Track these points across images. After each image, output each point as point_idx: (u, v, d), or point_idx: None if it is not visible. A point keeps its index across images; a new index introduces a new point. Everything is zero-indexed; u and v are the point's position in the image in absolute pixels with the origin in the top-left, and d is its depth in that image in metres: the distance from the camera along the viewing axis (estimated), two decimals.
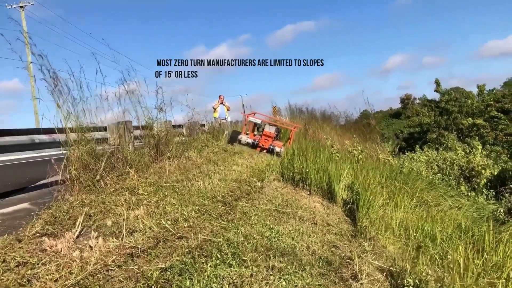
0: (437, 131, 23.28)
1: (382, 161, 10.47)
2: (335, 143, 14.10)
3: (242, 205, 5.18)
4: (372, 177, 7.05)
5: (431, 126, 23.50)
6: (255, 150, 10.60)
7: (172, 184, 5.49)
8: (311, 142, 10.20)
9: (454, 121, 22.52)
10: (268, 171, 7.55)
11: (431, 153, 13.62)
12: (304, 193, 6.97)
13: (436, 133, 23.19)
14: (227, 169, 7.37)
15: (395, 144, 31.81)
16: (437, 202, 6.75)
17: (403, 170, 8.58)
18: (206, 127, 14.23)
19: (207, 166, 7.44)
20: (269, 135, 11.82)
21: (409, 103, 62.98)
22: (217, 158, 8.40)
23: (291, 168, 7.51)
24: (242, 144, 11.64)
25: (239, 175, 7.03)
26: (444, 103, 22.84)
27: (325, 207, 6.40)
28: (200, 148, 8.65)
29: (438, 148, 19.80)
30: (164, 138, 7.22)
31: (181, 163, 7.13)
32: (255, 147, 11.59)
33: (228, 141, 11.60)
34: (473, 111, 22.54)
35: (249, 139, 11.89)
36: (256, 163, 8.76)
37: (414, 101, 63.35)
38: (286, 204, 5.83)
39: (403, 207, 6.24)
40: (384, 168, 8.50)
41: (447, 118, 22.89)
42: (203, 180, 6.06)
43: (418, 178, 8.22)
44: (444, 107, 22.76)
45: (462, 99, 22.49)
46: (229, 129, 13.51)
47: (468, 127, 21.12)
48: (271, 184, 6.91)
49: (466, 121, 21.14)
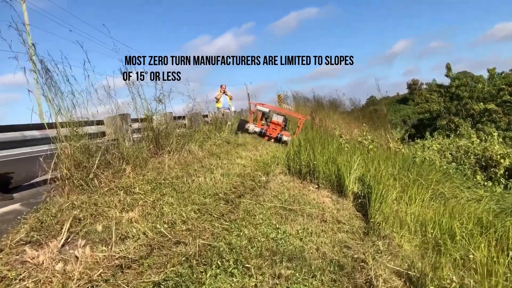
0: (447, 117, 22.78)
1: (393, 151, 10.10)
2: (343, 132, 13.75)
3: (246, 202, 4.87)
4: (384, 168, 6.70)
5: (441, 112, 22.98)
6: (259, 142, 10.28)
7: (171, 181, 5.19)
8: (318, 132, 9.84)
9: (464, 106, 21.99)
10: (273, 164, 7.23)
11: (444, 141, 13.22)
12: (312, 187, 6.65)
13: (446, 119, 22.70)
14: (230, 163, 7.05)
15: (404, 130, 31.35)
16: (454, 194, 6.41)
17: (416, 160, 8.22)
18: (209, 118, 13.92)
19: (209, 159, 7.13)
20: (277, 124, 11.80)
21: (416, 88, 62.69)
22: (219, 151, 8.09)
23: (297, 161, 7.18)
24: (249, 133, 11.62)
25: (242, 169, 6.72)
26: (454, 88, 22.28)
27: (334, 202, 6.08)
28: (202, 141, 8.34)
29: (449, 135, 19.38)
30: (164, 131, 6.91)
31: (182, 157, 6.83)
32: (262, 135, 11.60)
33: (236, 130, 11.57)
34: (484, 96, 21.97)
35: (257, 128, 11.94)
36: (261, 155, 8.43)
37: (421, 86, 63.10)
38: (293, 200, 5.52)
39: (418, 200, 5.90)
40: (396, 159, 8.14)
41: (458, 104, 22.35)
42: (205, 175, 5.76)
43: (432, 169, 7.86)
44: (455, 92, 22.20)
45: (473, 83, 21.89)
46: (232, 120, 13.25)
47: (480, 112, 20.59)
48: (277, 178, 6.59)
49: (478, 106, 20.61)
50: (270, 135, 11.57)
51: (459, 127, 21.28)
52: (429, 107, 23.43)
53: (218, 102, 15.73)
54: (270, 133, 11.62)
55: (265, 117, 13.09)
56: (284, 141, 10.98)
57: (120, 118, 7.40)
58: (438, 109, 22.87)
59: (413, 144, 20.80)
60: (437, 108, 22.84)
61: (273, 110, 12.86)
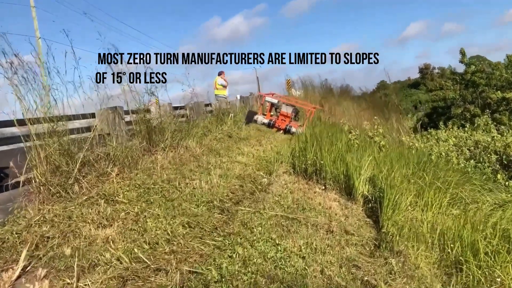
0: (463, 106, 21.96)
1: (407, 145, 9.58)
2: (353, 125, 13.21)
3: (243, 211, 4.42)
4: (397, 169, 6.19)
5: (456, 100, 22.16)
6: (263, 135, 9.79)
7: (162, 186, 4.75)
8: (326, 125, 9.33)
9: (480, 94, 21.16)
10: (277, 163, 6.75)
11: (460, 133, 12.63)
12: (318, 188, 6.18)
13: (461, 108, 21.88)
14: (230, 161, 6.60)
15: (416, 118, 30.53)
16: (474, 198, 5.90)
17: (432, 157, 7.70)
18: (212, 107, 13.42)
19: (208, 157, 6.68)
20: (286, 116, 11.83)
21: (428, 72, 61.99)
22: (220, 146, 7.63)
23: (303, 159, 6.70)
24: (258, 124, 11.63)
25: (243, 168, 6.26)
26: (470, 74, 21.44)
27: (342, 206, 5.61)
28: (201, 135, 7.87)
29: (464, 125, 18.68)
30: (158, 126, 6.45)
31: (178, 154, 6.38)
32: (271, 127, 11.61)
33: (244, 122, 11.53)
34: (502, 84, 21.13)
35: (265, 119, 11.96)
36: (265, 151, 7.96)
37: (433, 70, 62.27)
38: (297, 205, 5.06)
39: (435, 206, 5.41)
40: (410, 155, 7.62)
41: (473, 91, 21.53)
42: (200, 177, 5.31)
43: (449, 168, 7.34)
44: (470, 79, 21.36)
45: (490, 70, 21.03)
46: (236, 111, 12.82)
47: (497, 101, 19.80)
48: (280, 179, 6.13)
49: (495, 95, 19.77)
50: (279, 127, 11.57)
51: (475, 116, 20.50)
52: (444, 94, 22.60)
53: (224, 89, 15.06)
54: (279, 125, 11.62)
55: (274, 107, 13.08)
56: (292, 132, 10.93)
57: (112, 112, 6.95)
58: (453, 97, 22.04)
59: (426, 135, 20.21)
60: (453, 96, 22.01)
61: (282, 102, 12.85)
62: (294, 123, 11.92)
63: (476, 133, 14.96)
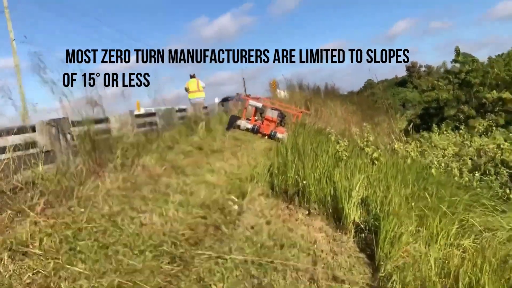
0: (456, 107, 21.39)
1: (401, 154, 8.79)
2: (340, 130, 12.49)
3: (202, 256, 3.52)
4: (394, 189, 5.36)
5: (449, 101, 21.57)
6: (240, 146, 8.91)
7: (99, 224, 3.82)
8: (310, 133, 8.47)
9: (475, 94, 20.61)
10: (253, 182, 5.87)
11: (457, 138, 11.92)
12: (301, 214, 5.32)
13: (455, 109, 21.30)
14: (196, 182, 5.70)
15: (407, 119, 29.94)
16: (487, 225, 5.10)
17: (432, 170, 6.90)
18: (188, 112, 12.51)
19: (170, 177, 5.77)
20: (271, 121, 11.48)
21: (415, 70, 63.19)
22: (186, 162, 6.71)
23: (283, 178, 5.83)
24: (241, 130, 11.27)
25: (210, 191, 5.36)
26: (464, 74, 20.89)
27: (330, 238, 4.77)
28: (163, 149, 6.93)
29: (458, 127, 18.09)
30: (105, 141, 5.52)
31: (131, 176, 5.45)
32: (255, 132, 11.25)
33: (226, 127, 11.29)
34: (497, 83, 20.64)
35: (249, 124, 11.55)
36: (240, 165, 7.08)
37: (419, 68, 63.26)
38: (274, 243, 4.19)
39: (441, 236, 4.59)
40: (407, 170, 6.81)
41: (467, 91, 20.97)
42: (153, 209, 4.39)
43: (452, 183, 6.56)
44: (465, 79, 20.79)
45: (487, 68, 20.47)
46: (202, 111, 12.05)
47: (493, 101, 19.26)
48: (255, 204, 5.25)
49: (490, 95, 19.23)
50: (263, 132, 11.17)
51: (469, 117, 19.94)
52: (437, 95, 21.97)
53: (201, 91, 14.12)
54: (263, 130, 11.21)
55: (259, 112, 12.50)
56: (278, 138, 10.34)
57: (54, 124, 6.00)
58: (447, 98, 21.43)
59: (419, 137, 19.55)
60: (446, 97, 21.40)
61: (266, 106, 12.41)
62: (280, 128, 11.47)
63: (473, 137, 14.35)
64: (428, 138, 18.63)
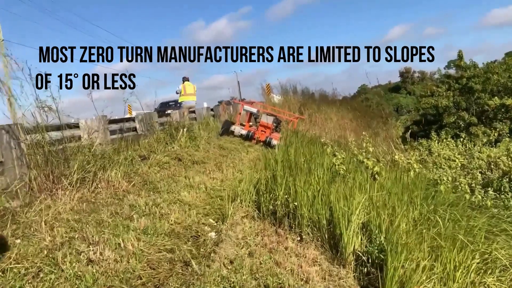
0: (456, 113, 20.80)
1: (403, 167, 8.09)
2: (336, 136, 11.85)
3: None
4: (399, 210, 4.63)
5: (449, 107, 20.97)
6: (226, 156, 8.16)
7: (31, 264, 3.03)
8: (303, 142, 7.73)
9: (476, 101, 20.04)
10: (236, 200, 5.10)
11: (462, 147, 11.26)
12: (291, 241, 4.57)
13: (454, 116, 20.71)
14: (170, 200, 4.94)
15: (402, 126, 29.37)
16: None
17: (441, 187, 6.19)
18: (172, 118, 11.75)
19: (138, 195, 5.00)
20: (266, 126, 11.29)
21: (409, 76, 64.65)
22: (161, 176, 5.95)
23: (271, 196, 5.08)
24: (235, 136, 11.17)
25: (185, 213, 4.59)
26: (466, 79, 20.29)
27: (326, 273, 4.01)
28: (133, 162, 6.14)
29: (459, 134, 17.48)
30: (63, 152, 4.75)
31: (90, 194, 4.67)
32: (250, 139, 11.14)
33: (220, 133, 11.32)
34: (498, 89, 20.08)
35: (243, 130, 11.38)
36: (224, 179, 6.32)
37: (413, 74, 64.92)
38: (257, 283, 3.43)
39: (460, 273, 3.86)
40: (411, 185, 6.10)
41: (468, 98, 20.38)
42: (109, 239, 3.62)
43: (464, 203, 5.85)
44: (467, 85, 20.18)
45: (489, 74, 19.86)
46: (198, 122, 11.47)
47: (495, 108, 18.67)
48: (237, 229, 4.48)
49: (493, 101, 18.65)
50: (258, 138, 11.08)
51: (470, 125, 19.36)
52: (436, 102, 21.35)
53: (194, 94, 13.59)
54: (258, 136, 11.13)
55: (254, 117, 12.50)
56: (273, 145, 10.30)
57: (5, 132, 5.21)
58: (446, 105, 20.82)
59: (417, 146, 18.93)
60: (446, 104, 20.78)
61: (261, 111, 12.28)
62: (275, 134, 11.32)
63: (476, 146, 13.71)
64: (427, 146, 18.06)
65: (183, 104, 13.24)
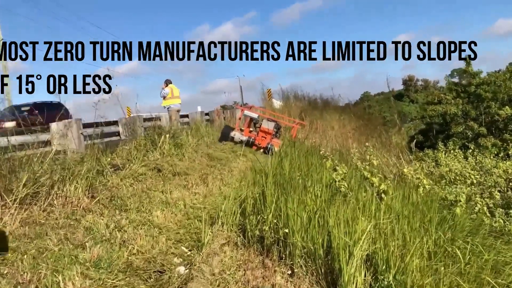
0: (464, 123, 20.07)
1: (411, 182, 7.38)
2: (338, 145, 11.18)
3: None
4: (412, 243, 3.90)
5: (457, 116, 20.23)
6: (215, 166, 7.44)
7: None
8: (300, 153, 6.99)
9: (485, 110, 19.31)
10: (217, 224, 4.37)
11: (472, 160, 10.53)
12: (280, 276, 3.84)
13: (462, 126, 19.96)
14: (137, 222, 4.23)
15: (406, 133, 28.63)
16: None
17: (457, 210, 5.47)
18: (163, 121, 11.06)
19: (101, 214, 4.28)
20: (267, 132, 11.17)
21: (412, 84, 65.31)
22: (133, 190, 5.23)
23: (259, 219, 4.36)
24: (235, 142, 11.03)
25: (152, 239, 3.87)
26: (474, 87, 19.57)
27: None
28: (101, 173, 5.41)
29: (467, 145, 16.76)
30: (9, 162, 4.04)
31: (39, 214, 3.95)
32: (250, 145, 11.02)
33: (219, 139, 11.19)
34: (510, 98, 19.36)
35: (243, 136, 11.33)
36: (208, 195, 5.61)
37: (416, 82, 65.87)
38: None
39: None
40: (422, 205, 5.38)
41: (477, 106, 19.66)
42: (48, 274, 2.89)
43: (483, 228, 5.13)
44: (475, 92, 19.46)
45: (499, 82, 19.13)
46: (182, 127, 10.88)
47: (506, 118, 17.94)
48: (214, 260, 3.75)
49: (503, 111, 17.92)
50: (258, 145, 11.04)
51: (479, 136, 18.61)
52: (444, 109, 20.60)
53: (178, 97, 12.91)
54: (258, 142, 11.07)
55: (253, 122, 12.27)
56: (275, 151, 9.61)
57: None
58: (455, 113, 20.07)
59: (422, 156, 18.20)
60: (455, 112, 20.03)
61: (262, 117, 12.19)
62: (275, 140, 11.16)
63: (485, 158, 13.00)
64: (433, 157, 17.33)
65: (172, 107, 12.53)
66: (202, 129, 11.08)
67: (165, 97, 12.50)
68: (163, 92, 12.51)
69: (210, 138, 10.73)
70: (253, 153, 10.02)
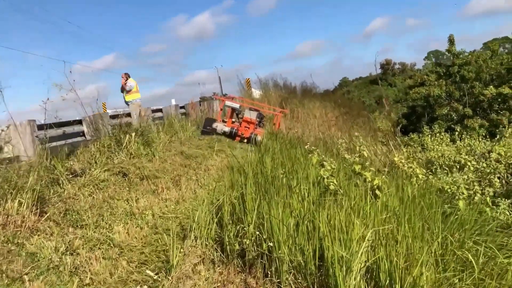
0: (448, 105, 19.78)
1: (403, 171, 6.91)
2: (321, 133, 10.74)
3: None
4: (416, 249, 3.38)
5: (440, 98, 19.93)
6: (190, 166, 6.81)
7: None
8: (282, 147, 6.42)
9: (469, 90, 19.04)
10: (189, 238, 3.77)
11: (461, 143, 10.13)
12: None
13: (446, 108, 19.68)
14: (94, 241, 3.60)
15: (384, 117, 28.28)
16: None
17: (460, 203, 4.99)
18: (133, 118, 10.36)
19: (51, 234, 3.65)
20: (250, 122, 11.15)
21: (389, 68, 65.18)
22: (92, 200, 4.58)
23: (238, 229, 3.79)
24: (218, 134, 10.87)
25: (111, 263, 3.26)
26: (457, 67, 19.25)
27: None
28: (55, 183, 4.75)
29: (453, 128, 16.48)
30: None
31: None
32: (233, 136, 10.96)
33: (201, 132, 11.05)
34: (492, 78, 19.13)
35: (226, 127, 11.20)
36: (180, 200, 5.00)
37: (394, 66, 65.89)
38: None
39: None
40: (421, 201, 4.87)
41: (460, 87, 19.37)
42: None
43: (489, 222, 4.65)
44: (459, 73, 19.14)
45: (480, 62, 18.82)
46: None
47: (490, 98, 17.69)
48: (186, 284, 3.16)
49: (488, 91, 17.66)
50: (242, 135, 10.89)
51: (464, 117, 18.34)
52: (427, 91, 20.22)
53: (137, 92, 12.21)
54: (242, 133, 10.93)
55: (236, 113, 12.13)
56: (258, 141, 10.10)
57: None
58: (438, 95, 19.74)
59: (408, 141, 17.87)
60: (438, 93, 19.69)
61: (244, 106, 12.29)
62: (259, 130, 11.06)
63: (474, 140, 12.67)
64: (419, 142, 17.00)
65: (135, 101, 11.77)
66: (176, 124, 10.36)
67: (130, 91, 11.73)
68: (129, 85, 11.70)
69: (185, 134, 10.00)
70: (232, 147, 9.37)
